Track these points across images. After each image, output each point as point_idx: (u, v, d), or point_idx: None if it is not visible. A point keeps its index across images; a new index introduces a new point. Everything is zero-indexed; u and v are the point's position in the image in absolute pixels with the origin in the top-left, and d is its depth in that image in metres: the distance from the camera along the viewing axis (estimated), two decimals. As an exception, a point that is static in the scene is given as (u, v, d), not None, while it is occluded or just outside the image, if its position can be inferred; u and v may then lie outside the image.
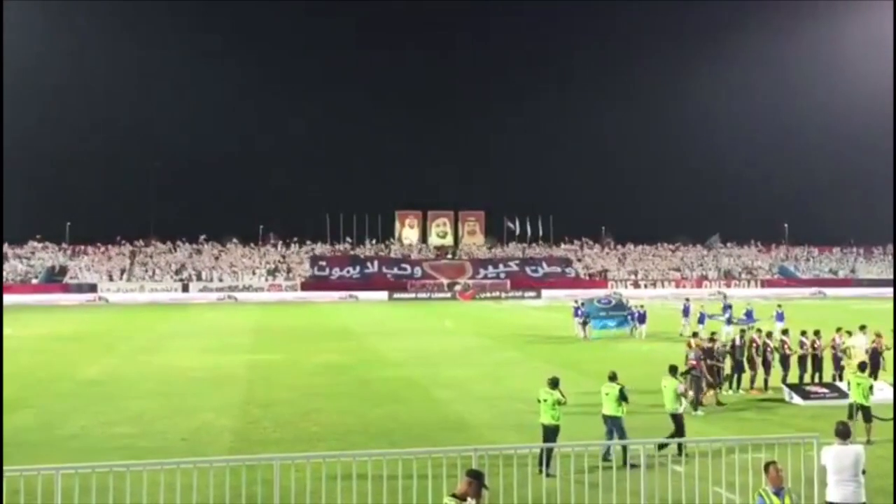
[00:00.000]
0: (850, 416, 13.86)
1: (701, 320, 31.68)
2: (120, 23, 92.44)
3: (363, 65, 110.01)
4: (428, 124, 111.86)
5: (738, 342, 20.50)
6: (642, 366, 23.14)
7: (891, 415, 14.45)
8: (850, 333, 21.62)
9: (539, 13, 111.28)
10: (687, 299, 37.72)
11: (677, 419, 13.98)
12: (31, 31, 76.52)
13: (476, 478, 7.03)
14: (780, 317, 31.89)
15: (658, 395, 14.84)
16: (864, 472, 9.10)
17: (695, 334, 21.39)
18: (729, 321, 31.77)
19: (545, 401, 12.80)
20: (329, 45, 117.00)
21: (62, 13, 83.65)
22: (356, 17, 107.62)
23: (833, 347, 21.06)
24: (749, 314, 32.74)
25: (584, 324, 33.94)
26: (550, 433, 12.65)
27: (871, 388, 14.55)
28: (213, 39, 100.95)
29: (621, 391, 13.10)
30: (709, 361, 18.62)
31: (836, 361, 20.90)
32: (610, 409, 13.17)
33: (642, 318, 33.96)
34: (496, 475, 10.12)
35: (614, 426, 13.07)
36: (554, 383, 12.97)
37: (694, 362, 17.95)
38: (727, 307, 34.22)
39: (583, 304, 35.02)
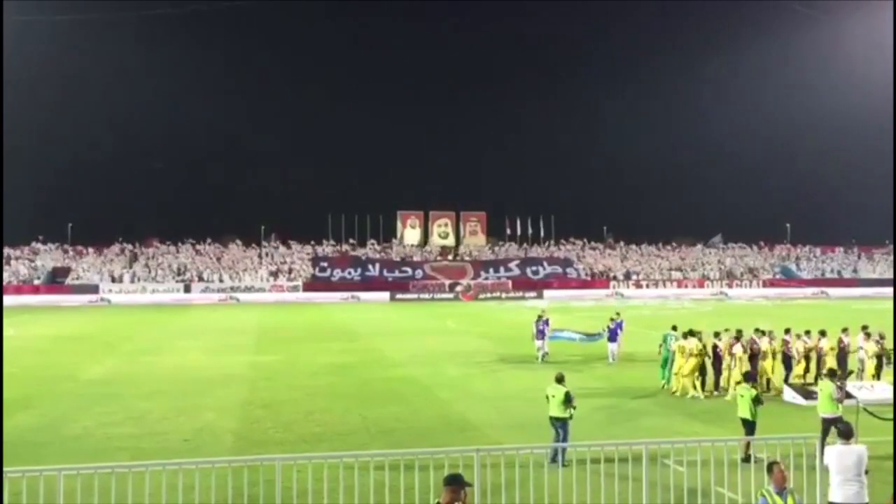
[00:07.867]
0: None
1: None
2: (121, 25, 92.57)
3: (365, 65, 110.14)
4: (430, 124, 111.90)
5: None
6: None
7: (891, 415, 14.41)
8: (846, 331, 21.64)
9: (542, 14, 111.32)
10: None
11: (834, 422, 12.85)
12: (33, 34, 76.63)
13: (455, 482, 6.61)
14: None
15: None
16: (867, 473, 9.09)
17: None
18: None
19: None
20: (331, 45, 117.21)
21: (65, 16, 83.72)
22: (358, 16, 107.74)
23: (841, 348, 21.08)
24: None
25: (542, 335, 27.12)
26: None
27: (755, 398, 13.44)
28: (214, 40, 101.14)
29: (567, 394, 13.20)
30: None
31: (842, 362, 20.89)
32: (556, 410, 13.27)
33: (613, 336, 26.45)
34: (498, 475, 10.13)
35: (562, 428, 13.19)
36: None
37: None
38: None
39: (546, 320, 27.78)
